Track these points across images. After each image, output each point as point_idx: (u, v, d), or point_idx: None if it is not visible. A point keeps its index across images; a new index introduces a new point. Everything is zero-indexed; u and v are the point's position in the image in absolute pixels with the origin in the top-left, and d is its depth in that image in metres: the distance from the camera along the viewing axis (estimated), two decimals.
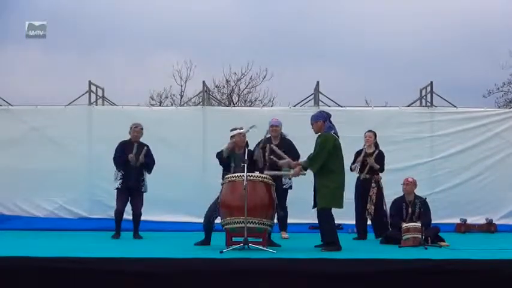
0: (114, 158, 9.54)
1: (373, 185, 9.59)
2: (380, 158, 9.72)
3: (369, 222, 9.76)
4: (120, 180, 9.42)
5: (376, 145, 9.87)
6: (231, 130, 8.03)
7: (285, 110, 12.98)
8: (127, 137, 9.70)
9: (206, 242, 7.82)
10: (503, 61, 24.06)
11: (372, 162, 9.60)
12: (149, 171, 9.61)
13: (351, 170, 9.65)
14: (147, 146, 9.66)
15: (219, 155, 8.02)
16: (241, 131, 7.94)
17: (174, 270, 5.43)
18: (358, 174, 9.69)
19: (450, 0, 27.52)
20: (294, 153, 8.84)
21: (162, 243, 8.62)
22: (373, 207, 9.51)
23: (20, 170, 12.19)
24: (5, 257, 5.65)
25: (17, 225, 11.57)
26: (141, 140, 9.70)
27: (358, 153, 9.84)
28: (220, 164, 8.09)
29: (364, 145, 9.85)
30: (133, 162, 9.35)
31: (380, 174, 9.72)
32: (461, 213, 11.74)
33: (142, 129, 9.66)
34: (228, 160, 7.93)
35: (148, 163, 9.55)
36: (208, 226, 7.83)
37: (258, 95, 26.15)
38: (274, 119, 9.56)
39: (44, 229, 11.29)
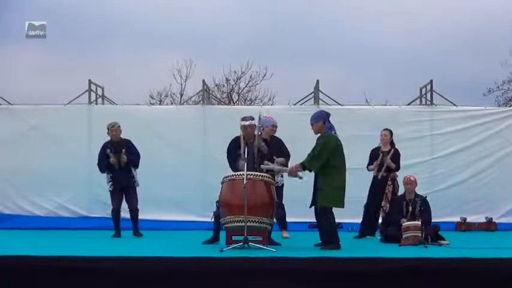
0: (98, 164, 9.52)
1: (389, 182, 9.58)
2: (396, 156, 9.70)
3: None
4: (111, 183, 9.44)
5: (392, 143, 9.84)
6: (242, 119, 7.78)
7: (284, 108, 12.97)
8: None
9: (212, 240, 7.87)
10: (503, 59, 24.10)
11: (388, 162, 9.57)
12: (136, 167, 9.55)
13: (368, 170, 9.65)
14: (129, 142, 9.59)
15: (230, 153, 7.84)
16: (254, 122, 7.80)
17: (174, 269, 5.42)
18: (375, 174, 9.65)
19: None
20: (284, 152, 8.58)
21: (162, 242, 8.62)
22: (388, 204, 9.47)
23: (20, 169, 12.18)
24: (5, 256, 5.65)
25: (17, 224, 11.60)
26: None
27: (373, 152, 9.82)
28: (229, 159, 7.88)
29: (380, 143, 9.83)
30: (117, 166, 9.34)
31: (396, 172, 9.71)
32: (461, 211, 11.76)
33: (119, 126, 9.58)
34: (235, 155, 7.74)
35: (132, 160, 9.48)
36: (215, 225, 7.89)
37: (258, 93, 26.15)
38: (272, 119, 9.10)
39: (44, 228, 11.32)
